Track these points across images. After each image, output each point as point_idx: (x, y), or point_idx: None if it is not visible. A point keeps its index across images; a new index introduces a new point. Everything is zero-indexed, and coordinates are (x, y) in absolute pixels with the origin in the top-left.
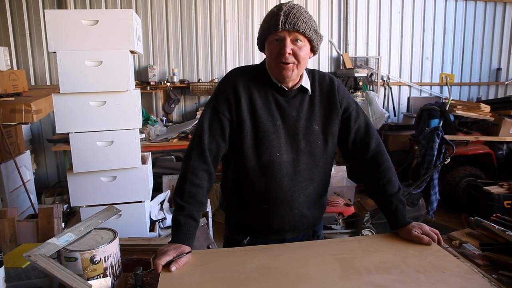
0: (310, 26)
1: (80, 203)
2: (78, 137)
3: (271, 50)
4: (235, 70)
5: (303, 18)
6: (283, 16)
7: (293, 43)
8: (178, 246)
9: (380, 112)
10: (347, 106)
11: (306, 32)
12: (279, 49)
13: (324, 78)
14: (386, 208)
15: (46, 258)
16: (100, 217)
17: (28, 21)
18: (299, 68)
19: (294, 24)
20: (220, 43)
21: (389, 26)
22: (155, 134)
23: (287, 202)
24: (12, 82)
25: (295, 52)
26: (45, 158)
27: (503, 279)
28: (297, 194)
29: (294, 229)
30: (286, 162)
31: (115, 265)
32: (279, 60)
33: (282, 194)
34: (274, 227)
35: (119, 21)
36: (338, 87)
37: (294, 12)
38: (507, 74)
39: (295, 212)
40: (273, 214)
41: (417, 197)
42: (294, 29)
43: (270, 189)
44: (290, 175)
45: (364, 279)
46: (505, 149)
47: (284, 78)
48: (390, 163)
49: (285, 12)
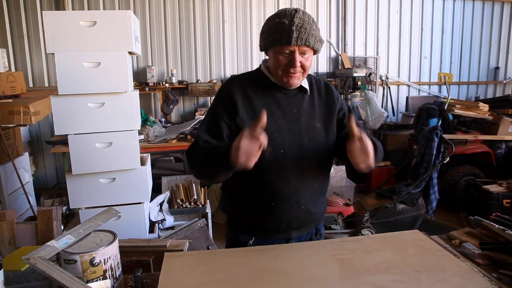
0: (318, 38)
1: (79, 204)
2: (76, 139)
3: (279, 60)
4: (231, 78)
5: (312, 32)
6: (295, 31)
7: (301, 55)
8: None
9: (379, 111)
10: (341, 106)
11: (314, 45)
12: (287, 61)
13: (320, 81)
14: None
15: (45, 260)
16: (99, 219)
17: (26, 23)
18: (304, 75)
19: (305, 39)
20: (218, 44)
21: (387, 25)
22: (154, 135)
23: (295, 198)
24: (10, 84)
25: (302, 63)
26: (44, 160)
27: (503, 278)
28: (303, 190)
29: (300, 226)
30: (291, 159)
31: (114, 267)
32: (287, 70)
33: (289, 190)
34: (281, 225)
35: (117, 22)
36: (333, 89)
37: (305, 26)
38: (505, 73)
39: (302, 208)
40: (280, 211)
41: (416, 196)
42: (305, 44)
43: (277, 186)
44: (296, 171)
45: (364, 279)
46: (504, 148)
47: (291, 85)
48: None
49: (297, 26)
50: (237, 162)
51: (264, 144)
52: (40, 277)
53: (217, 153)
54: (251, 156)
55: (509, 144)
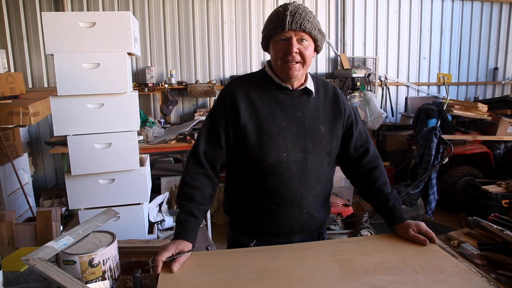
0: (315, 26)
1: (79, 205)
2: (76, 140)
3: (277, 49)
4: (234, 80)
5: (308, 18)
6: (289, 15)
7: (299, 43)
8: (179, 242)
9: (378, 112)
10: (350, 113)
11: (312, 32)
12: (285, 48)
13: (327, 85)
14: (383, 205)
15: (44, 261)
16: (98, 219)
17: (25, 24)
18: (304, 67)
19: (300, 24)
20: (217, 44)
21: (386, 26)
22: (153, 136)
23: (297, 202)
24: (10, 85)
25: (301, 51)
26: (43, 160)
27: (502, 279)
28: (306, 193)
29: (302, 230)
30: (294, 162)
31: (113, 268)
32: (285, 59)
33: (292, 193)
34: (283, 229)
35: (116, 23)
36: (341, 95)
37: (300, 12)
38: (504, 74)
39: (304, 212)
40: (282, 215)
41: (416, 197)
42: (300, 29)
43: (279, 189)
44: (299, 175)
45: (363, 280)
46: (502, 148)
47: (290, 77)
48: (384, 167)
49: (291, 12)
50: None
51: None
52: (39, 278)
53: (179, 214)
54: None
55: (508, 145)
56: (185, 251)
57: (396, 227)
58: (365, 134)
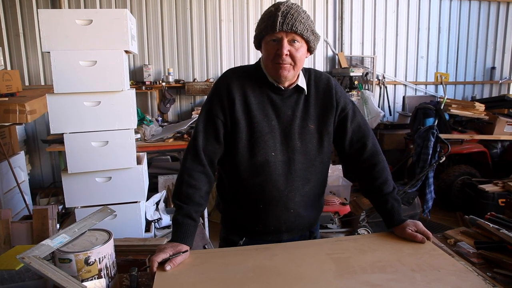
0: (308, 27)
1: (75, 204)
2: (72, 138)
3: (268, 50)
4: (230, 71)
5: (300, 19)
6: (281, 16)
7: (290, 44)
8: (176, 244)
9: (375, 111)
10: (344, 106)
11: (304, 33)
12: (276, 50)
13: (320, 77)
14: (382, 206)
15: (40, 260)
16: (94, 218)
17: (22, 21)
18: (295, 69)
19: (291, 25)
20: (215, 43)
21: (384, 25)
22: (150, 134)
23: (283, 201)
24: (6, 83)
25: (292, 53)
26: (40, 158)
27: (498, 277)
28: (292, 193)
29: (290, 230)
30: (281, 162)
31: (110, 266)
32: (276, 61)
33: (278, 193)
34: (270, 228)
35: (113, 20)
36: (335, 86)
37: (292, 13)
38: (501, 73)
39: (291, 212)
40: (269, 214)
41: (413, 196)
42: (291, 30)
43: (266, 189)
44: (286, 175)
45: (360, 279)
46: (499, 148)
47: (281, 78)
48: (385, 163)
49: (283, 12)
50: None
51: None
52: (35, 276)
53: (177, 216)
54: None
55: (504, 144)
56: (182, 251)
57: (394, 229)
58: (364, 129)
